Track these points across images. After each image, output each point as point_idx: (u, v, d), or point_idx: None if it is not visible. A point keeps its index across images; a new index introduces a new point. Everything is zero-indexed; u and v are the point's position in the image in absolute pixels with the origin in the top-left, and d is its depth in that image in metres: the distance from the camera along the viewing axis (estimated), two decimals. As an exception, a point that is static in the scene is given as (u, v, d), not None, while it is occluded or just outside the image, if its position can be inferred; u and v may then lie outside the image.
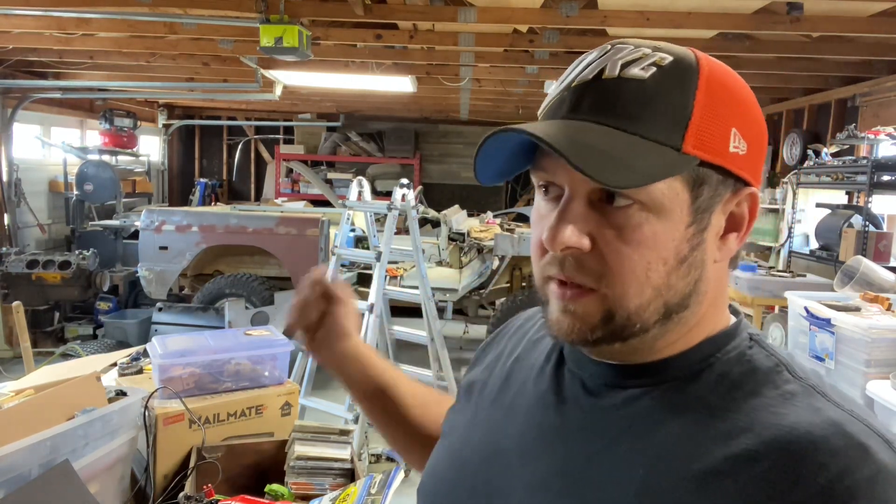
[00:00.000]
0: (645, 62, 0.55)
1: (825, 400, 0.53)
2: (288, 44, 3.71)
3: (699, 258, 0.57)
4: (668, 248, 0.55)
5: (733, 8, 3.84)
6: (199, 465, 1.46)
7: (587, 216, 0.55)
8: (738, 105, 0.56)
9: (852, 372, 2.90)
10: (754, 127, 0.57)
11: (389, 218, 4.02)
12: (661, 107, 0.54)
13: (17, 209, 6.32)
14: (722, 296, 0.62)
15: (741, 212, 0.59)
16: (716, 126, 0.54)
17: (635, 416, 0.58)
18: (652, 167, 0.52)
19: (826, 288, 4.01)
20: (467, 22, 3.94)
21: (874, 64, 4.94)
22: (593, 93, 0.55)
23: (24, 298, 4.12)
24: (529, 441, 0.64)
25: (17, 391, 1.52)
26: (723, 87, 0.56)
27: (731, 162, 0.55)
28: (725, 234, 0.59)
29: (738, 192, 0.58)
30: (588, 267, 0.56)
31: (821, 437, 0.49)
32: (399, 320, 4.58)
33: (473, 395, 0.76)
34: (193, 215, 5.47)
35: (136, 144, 7.74)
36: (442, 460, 0.73)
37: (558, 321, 0.58)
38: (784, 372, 0.56)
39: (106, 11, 4.05)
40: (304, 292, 0.91)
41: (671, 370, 0.59)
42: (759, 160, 0.59)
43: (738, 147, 0.55)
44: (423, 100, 7.53)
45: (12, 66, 6.03)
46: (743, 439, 0.52)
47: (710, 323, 0.60)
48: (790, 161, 6.10)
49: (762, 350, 0.59)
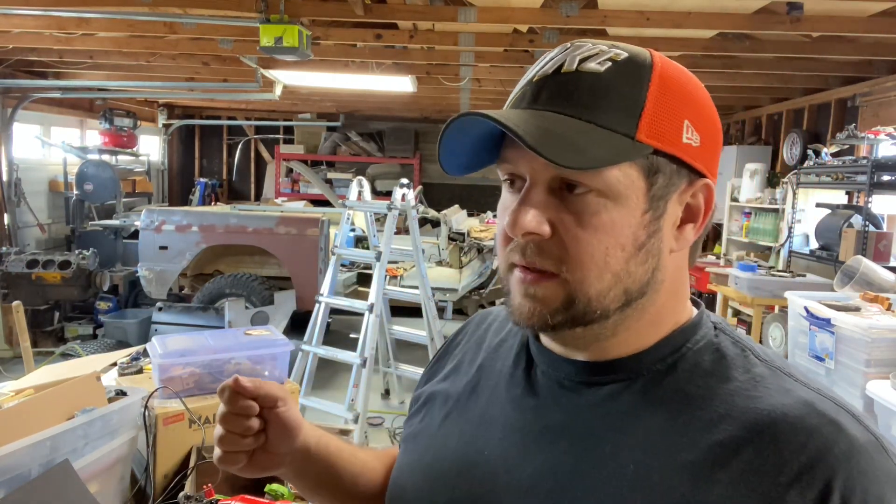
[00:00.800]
0: (601, 57, 0.57)
1: (792, 380, 0.57)
2: (288, 43, 3.71)
3: (656, 246, 0.59)
4: (626, 234, 0.57)
5: (733, 8, 3.84)
6: (199, 464, 1.46)
7: (547, 203, 0.57)
8: (690, 100, 0.59)
9: (852, 372, 2.90)
10: (707, 122, 0.60)
11: (389, 218, 4.02)
12: (616, 97, 0.56)
13: (17, 209, 6.32)
14: (682, 287, 0.64)
15: (697, 203, 0.61)
16: (668, 117, 0.57)
17: (617, 412, 0.59)
18: (605, 152, 0.54)
19: (826, 288, 4.01)
20: (467, 22, 3.94)
21: (874, 64, 4.93)
22: (552, 85, 0.58)
23: (24, 298, 4.13)
24: (511, 447, 0.64)
25: (17, 391, 1.52)
26: (675, 82, 0.58)
27: (685, 152, 0.58)
28: (682, 225, 0.61)
29: (693, 182, 0.60)
30: (549, 252, 0.57)
31: (797, 417, 0.53)
32: (399, 320, 4.58)
33: (435, 407, 0.74)
34: (193, 215, 5.47)
35: (135, 144, 7.74)
36: (414, 474, 0.71)
37: (520, 306, 0.59)
38: (750, 356, 0.59)
39: (106, 11, 4.05)
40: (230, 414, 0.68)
41: (645, 363, 0.60)
42: (714, 155, 0.61)
43: (690, 139, 0.58)
44: (423, 99, 7.53)
45: (12, 66, 6.03)
46: (724, 426, 0.54)
47: (673, 314, 0.62)
48: (790, 161, 6.10)
49: (727, 337, 0.62)
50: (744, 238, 6.19)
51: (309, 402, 3.85)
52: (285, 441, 0.71)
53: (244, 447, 0.69)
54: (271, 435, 0.70)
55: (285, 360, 1.75)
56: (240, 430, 0.68)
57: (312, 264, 5.25)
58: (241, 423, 0.68)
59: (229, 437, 0.68)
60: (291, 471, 0.75)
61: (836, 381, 3.01)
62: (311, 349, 3.98)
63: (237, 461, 0.69)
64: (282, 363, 1.74)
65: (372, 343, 3.82)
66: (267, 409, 0.70)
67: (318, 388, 4.38)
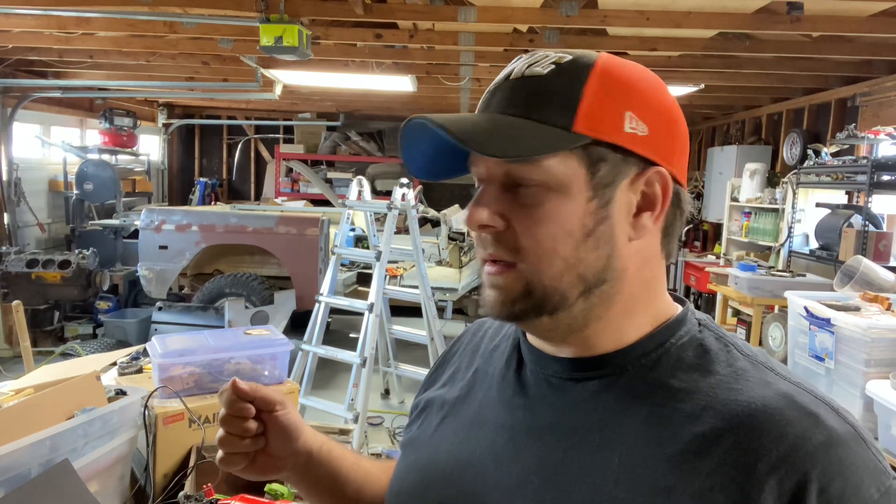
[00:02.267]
0: (546, 62, 0.61)
1: (773, 374, 0.59)
2: (288, 43, 3.71)
3: (607, 233, 0.61)
4: (572, 221, 0.60)
5: (733, 7, 3.84)
6: (198, 464, 1.46)
7: (500, 198, 0.61)
8: (633, 93, 0.61)
9: (852, 372, 2.90)
10: (656, 113, 0.61)
11: (389, 217, 4.02)
12: (554, 95, 0.60)
13: (16, 208, 6.31)
14: (655, 278, 0.65)
15: (652, 191, 0.62)
16: (607, 109, 0.59)
17: (603, 408, 0.61)
18: (537, 143, 0.58)
19: (826, 288, 4.01)
20: (467, 21, 3.93)
21: (874, 64, 4.93)
22: (501, 90, 0.63)
23: (23, 297, 4.13)
24: (501, 445, 0.65)
25: (16, 390, 1.52)
26: (617, 78, 0.61)
27: (628, 141, 0.60)
28: (639, 213, 0.62)
29: (644, 171, 0.61)
30: (505, 244, 0.61)
31: (776, 409, 0.54)
32: (399, 320, 4.58)
33: (433, 412, 0.76)
34: (193, 215, 5.47)
35: (135, 144, 7.74)
36: (409, 477, 0.73)
37: (487, 296, 0.63)
38: (733, 350, 0.61)
39: (106, 11, 4.04)
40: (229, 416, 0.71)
41: (631, 359, 0.62)
42: (669, 143, 0.62)
43: (635, 128, 0.60)
44: (423, 99, 7.53)
45: (12, 66, 6.03)
46: (706, 418, 0.56)
47: (648, 306, 0.64)
48: (790, 161, 6.10)
49: (711, 333, 0.63)
50: (744, 238, 6.19)
51: (309, 401, 3.85)
52: (285, 444, 0.74)
53: (243, 449, 0.72)
54: (271, 438, 0.73)
55: (285, 360, 1.75)
56: (238, 431, 0.71)
57: (312, 264, 5.25)
58: (240, 424, 0.71)
59: (229, 438, 0.71)
60: (293, 475, 0.77)
61: (835, 381, 3.01)
62: (310, 349, 3.98)
63: (237, 463, 0.72)
64: (281, 363, 1.74)
65: (372, 343, 3.82)
66: (266, 413, 0.73)
67: (318, 387, 4.38)
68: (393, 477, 0.76)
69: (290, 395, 1.71)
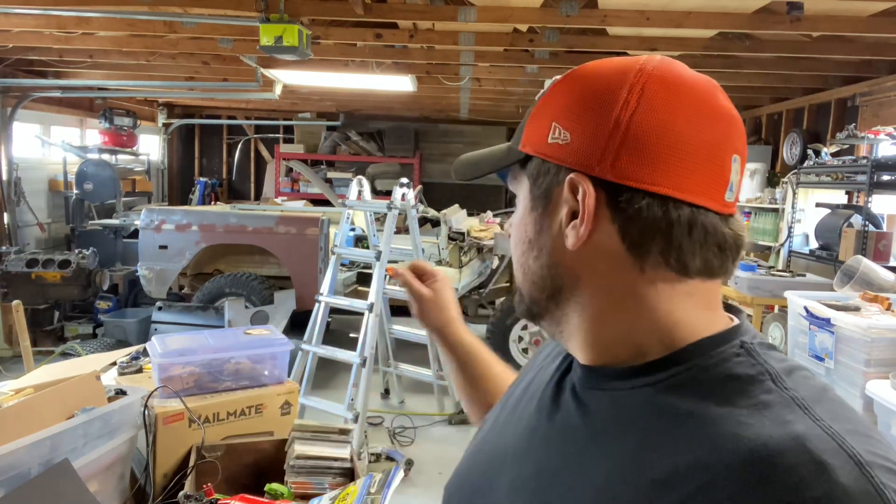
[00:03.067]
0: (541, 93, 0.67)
1: (802, 412, 0.50)
2: (288, 43, 3.71)
3: (546, 242, 0.63)
4: (521, 230, 0.65)
5: (733, 7, 3.84)
6: (198, 464, 1.46)
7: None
8: (565, 99, 0.60)
9: (852, 372, 2.90)
10: (585, 117, 0.58)
11: (389, 217, 4.02)
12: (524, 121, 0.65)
13: (16, 208, 6.31)
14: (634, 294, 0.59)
15: (573, 198, 0.59)
16: (538, 123, 0.62)
17: (607, 421, 0.59)
18: (486, 165, 0.69)
19: (826, 288, 4.01)
20: (467, 21, 3.93)
21: (874, 64, 4.94)
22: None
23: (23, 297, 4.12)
24: (522, 444, 0.67)
25: (16, 390, 1.52)
26: (562, 87, 0.62)
27: (549, 151, 0.61)
28: (571, 223, 0.60)
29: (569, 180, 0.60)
30: None
31: (775, 451, 0.47)
32: (399, 320, 4.58)
33: (505, 400, 0.80)
34: (193, 214, 5.47)
35: (135, 143, 7.74)
36: (464, 460, 0.78)
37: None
38: (766, 382, 0.54)
39: (106, 10, 4.05)
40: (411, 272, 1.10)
41: (650, 374, 0.58)
42: (600, 147, 0.57)
43: (557, 137, 0.60)
44: (423, 99, 7.53)
45: (12, 65, 6.03)
46: (696, 449, 0.51)
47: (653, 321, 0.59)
48: (790, 161, 6.11)
49: (750, 359, 0.56)
50: (744, 238, 6.18)
51: (309, 401, 3.85)
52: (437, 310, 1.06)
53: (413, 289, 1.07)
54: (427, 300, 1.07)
55: (285, 360, 1.75)
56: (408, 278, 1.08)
57: (312, 264, 5.25)
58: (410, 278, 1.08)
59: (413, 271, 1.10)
60: (441, 342, 1.07)
61: (835, 381, 3.01)
62: (310, 349, 3.98)
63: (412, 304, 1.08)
64: (281, 363, 1.74)
65: (372, 342, 3.82)
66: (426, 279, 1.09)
67: (318, 387, 4.38)
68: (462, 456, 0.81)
69: (290, 395, 1.71)
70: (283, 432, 1.62)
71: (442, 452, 3.88)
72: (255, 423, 1.64)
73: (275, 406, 1.67)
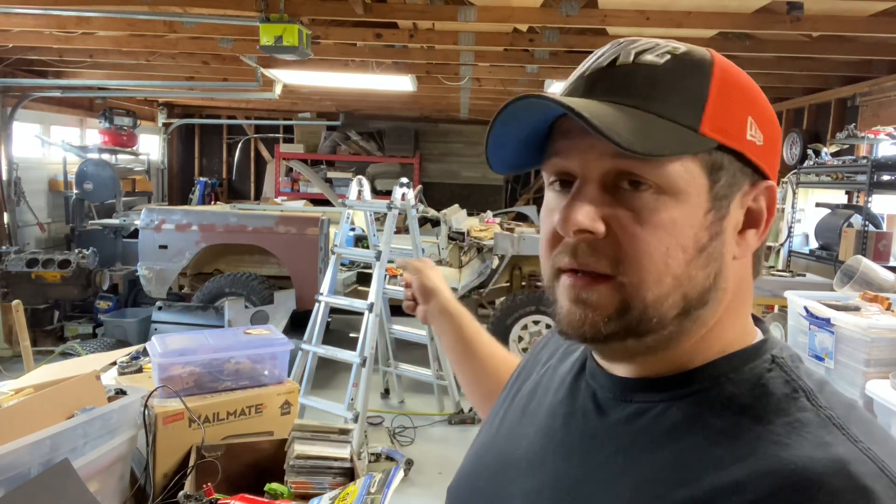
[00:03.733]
0: (659, 50, 0.55)
1: (840, 433, 0.49)
2: (288, 43, 3.71)
3: (718, 249, 0.54)
4: (687, 234, 0.53)
5: (733, 7, 3.84)
6: (198, 463, 1.46)
7: (601, 199, 0.53)
8: (752, 97, 0.56)
9: (852, 371, 2.90)
10: (769, 122, 0.57)
11: (389, 217, 4.02)
12: (678, 89, 0.53)
13: (16, 208, 6.31)
14: (743, 302, 0.59)
15: (758, 206, 0.57)
16: (732, 112, 0.54)
17: (635, 434, 0.56)
18: (669, 141, 0.51)
19: (826, 287, 4.01)
20: (467, 21, 3.93)
21: (874, 64, 4.94)
22: (608, 77, 0.55)
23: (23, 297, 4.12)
24: (536, 450, 0.64)
25: (16, 390, 1.52)
26: (737, 79, 0.56)
27: (749, 149, 0.55)
28: (744, 230, 0.57)
29: (755, 184, 0.56)
30: (603, 252, 0.53)
31: (817, 475, 0.45)
32: (399, 319, 4.58)
33: (507, 400, 0.77)
34: (193, 214, 5.47)
35: (135, 143, 7.74)
36: (468, 463, 0.74)
37: (570, 313, 0.55)
38: (801, 399, 0.52)
39: (106, 10, 4.04)
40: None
41: (679, 387, 0.56)
42: (776, 156, 0.58)
43: (754, 136, 0.55)
44: (423, 99, 7.53)
45: (12, 65, 6.03)
46: (734, 469, 0.48)
47: (727, 333, 0.57)
48: (790, 161, 6.11)
49: (783, 374, 0.54)
50: (743, 238, 6.19)
51: (308, 401, 3.85)
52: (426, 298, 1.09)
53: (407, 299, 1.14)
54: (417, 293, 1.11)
55: (285, 360, 1.75)
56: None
57: (312, 263, 5.25)
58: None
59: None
60: (436, 325, 1.09)
61: (835, 381, 3.01)
62: (310, 348, 3.98)
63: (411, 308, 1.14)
64: (281, 362, 1.74)
65: (372, 342, 3.82)
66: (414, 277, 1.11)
67: (318, 387, 4.38)
68: (465, 456, 0.77)
69: (290, 395, 1.71)
70: (282, 432, 1.62)
71: (442, 452, 3.88)
72: (254, 423, 1.64)
73: (275, 406, 1.67)
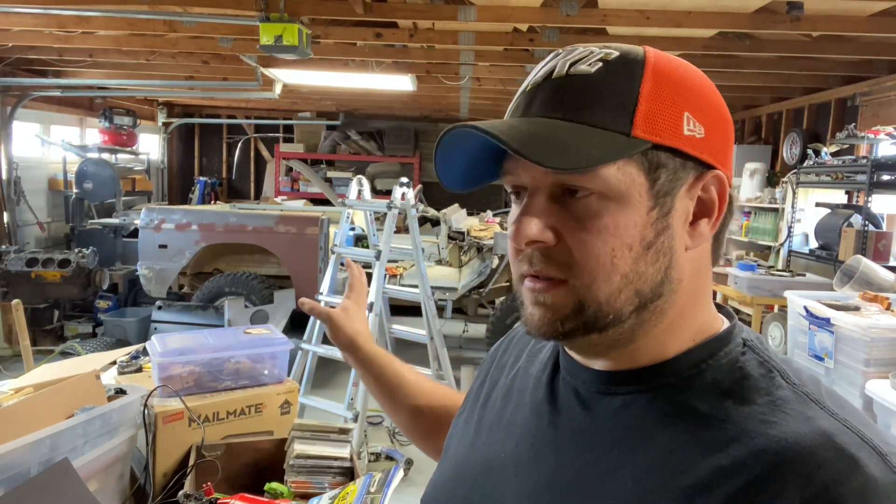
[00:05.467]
0: (592, 59, 0.57)
1: (818, 408, 0.53)
2: (288, 42, 3.71)
3: (666, 244, 0.57)
4: (632, 233, 0.55)
5: (733, 7, 3.84)
6: (198, 463, 1.46)
7: (549, 210, 0.57)
8: (689, 91, 0.57)
9: (852, 371, 2.90)
10: (711, 112, 0.58)
11: (389, 217, 4.02)
12: (607, 96, 0.55)
13: (16, 207, 6.31)
14: (703, 290, 0.61)
15: (709, 196, 0.58)
16: (665, 110, 0.55)
17: (626, 426, 0.58)
18: (598, 151, 0.53)
19: (825, 287, 4.02)
20: (467, 21, 3.93)
21: (874, 63, 4.94)
22: (543, 91, 0.58)
23: (23, 296, 4.13)
24: (524, 452, 0.64)
25: (16, 389, 1.52)
26: (672, 75, 0.57)
27: (687, 144, 0.56)
28: (696, 220, 0.59)
29: (701, 175, 0.58)
30: (555, 259, 0.57)
31: (808, 447, 0.49)
32: (399, 319, 4.58)
33: (477, 405, 0.77)
34: (193, 214, 5.47)
35: (135, 143, 7.74)
36: (444, 472, 0.74)
37: (531, 314, 0.59)
38: (777, 378, 0.55)
39: (106, 9, 4.04)
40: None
41: (662, 377, 0.58)
42: (723, 144, 0.59)
43: (693, 130, 0.56)
44: (423, 98, 7.53)
45: (12, 64, 6.03)
46: (731, 450, 0.51)
47: (695, 321, 0.60)
48: (790, 160, 6.11)
49: (755, 356, 0.58)
50: (743, 237, 6.19)
51: (308, 400, 3.85)
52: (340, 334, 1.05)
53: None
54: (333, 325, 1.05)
55: (285, 359, 1.75)
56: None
57: (312, 263, 5.25)
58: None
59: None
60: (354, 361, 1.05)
61: (835, 381, 3.01)
62: (310, 348, 3.98)
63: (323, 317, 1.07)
64: (281, 362, 1.74)
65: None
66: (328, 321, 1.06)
67: (318, 386, 4.38)
68: (438, 465, 0.77)
69: (290, 395, 1.71)
70: (282, 432, 1.62)
71: (442, 452, 3.88)
72: (254, 423, 1.64)
73: (274, 405, 1.67)
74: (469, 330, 6.21)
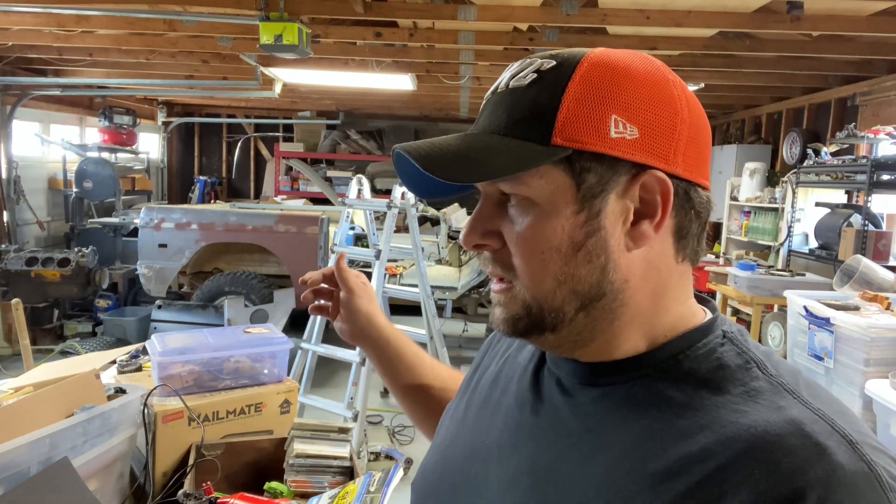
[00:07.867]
0: (529, 69, 0.59)
1: (792, 398, 0.53)
2: (287, 41, 3.70)
3: (599, 245, 0.58)
4: (560, 236, 0.57)
5: (733, 7, 3.84)
6: (198, 462, 1.46)
7: (493, 215, 0.61)
8: (621, 93, 0.57)
9: (851, 371, 2.90)
10: (647, 110, 0.57)
11: (389, 216, 4.02)
12: (531, 108, 0.57)
13: (16, 206, 6.31)
14: (670, 287, 0.61)
15: (650, 196, 0.58)
16: (587, 116, 0.56)
17: (602, 414, 0.59)
18: (511, 162, 0.56)
19: (825, 287, 4.02)
20: (467, 20, 3.93)
21: (874, 63, 4.94)
22: (487, 107, 0.62)
23: (23, 296, 4.13)
24: (506, 439, 0.66)
25: (16, 388, 1.52)
26: (601, 79, 0.57)
27: (615, 147, 0.56)
28: (638, 221, 0.58)
29: (638, 176, 0.57)
30: (500, 262, 0.61)
31: (776, 435, 0.49)
32: (398, 318, 4.58)
33: (467, 392, 0.79)
34: (193, 213, 5.47)
35: (135, 142, 7.74)
36: (432, 457, 0.76)
37: (493, 313, 0.64)
38: (753, 369, 0.56)
39: (105, 8, 4.04)
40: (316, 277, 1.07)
41: (641, 368, 0.60)
42: (666, 140, 0.58)
43: (622, 132, 0.56)
44: (422, 98, 7.53)
45: (12, 63, 6.02)
46: (700, 437, 0.52)
47: (665, 317, 0.61)
48: (790, 160, 6.11)
49: (734, 347, 0.59)
50: (743, 237, 6.20)
51: (308, 400, 3.85)
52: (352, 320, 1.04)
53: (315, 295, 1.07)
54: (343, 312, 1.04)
55: (284, 359, 1.75)
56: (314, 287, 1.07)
57: (312, 262, 5.25)
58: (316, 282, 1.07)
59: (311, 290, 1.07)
60: (367, 348, 1.04)
61: (835, 381, 3.01)
62: (310, 347, 3.98)
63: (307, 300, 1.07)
64: (281, 361, 1.74)
65: (371, 341, 3.81)
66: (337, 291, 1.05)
67: (318, 386, 4.38)
68: (427, 451, 0.79)
69: (289, 394, 1.71)
70: (282, 431, 1.62)
71: (441, 451, 3.89)
72: (254, 422, 1.64)
73: (274, 405, 1.67)
74: (469, 329, 6.21)
